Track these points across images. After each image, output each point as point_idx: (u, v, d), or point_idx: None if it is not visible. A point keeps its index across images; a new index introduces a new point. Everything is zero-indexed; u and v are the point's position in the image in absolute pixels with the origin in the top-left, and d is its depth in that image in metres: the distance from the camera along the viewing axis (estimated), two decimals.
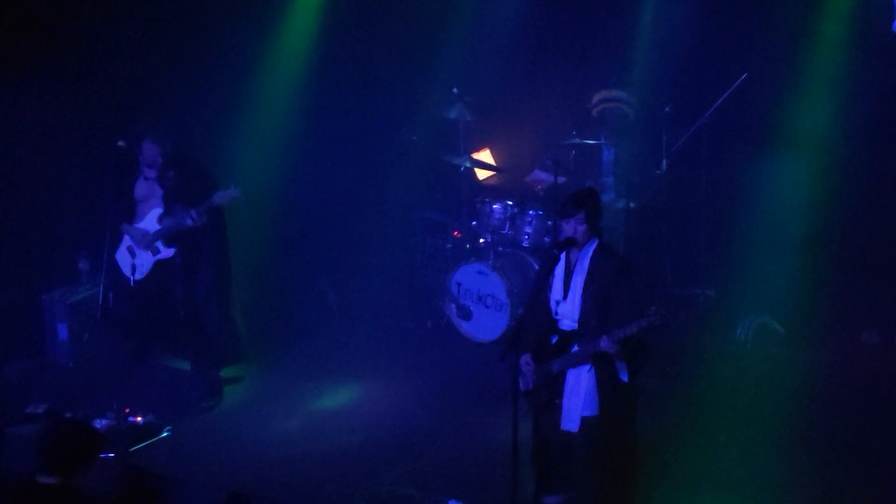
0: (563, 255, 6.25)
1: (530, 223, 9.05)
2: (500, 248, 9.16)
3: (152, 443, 7.47)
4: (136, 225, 7.95)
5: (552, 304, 6.28)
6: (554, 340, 6.28)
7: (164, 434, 7.57)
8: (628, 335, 5.88)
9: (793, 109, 9.01)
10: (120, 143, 7.81)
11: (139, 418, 7.55)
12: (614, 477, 6.20)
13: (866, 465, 6.94)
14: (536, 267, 8.90)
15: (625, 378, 6.09)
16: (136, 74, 9.03)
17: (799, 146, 9.04)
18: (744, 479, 6.87)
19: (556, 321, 6.28)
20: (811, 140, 8.92)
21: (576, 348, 6.16)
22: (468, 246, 9.44)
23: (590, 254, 6.18)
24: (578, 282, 6.17)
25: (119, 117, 8.48)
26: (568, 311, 6.21)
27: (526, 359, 6.27)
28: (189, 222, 7.73)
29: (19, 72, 8.55)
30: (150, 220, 7.92)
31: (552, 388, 6.22)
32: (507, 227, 9.11)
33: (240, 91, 9.47)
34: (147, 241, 7.88)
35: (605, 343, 5.93)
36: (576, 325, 6.19)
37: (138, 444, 7.39)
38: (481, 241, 9.30)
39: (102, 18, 8.88)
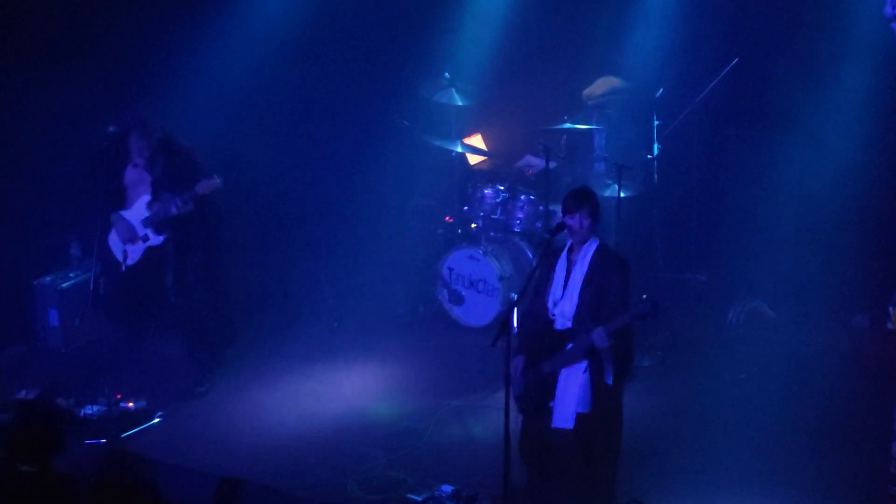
0: (563, 255, 6.28)
1: (522, 208, 9.05)
2: (492, 233, 9.16)
3: (144, 429, 7.47)
4: (124, 214, 7.92)
5: (549, 304, 6.27)
6: (547, 342, 6.25)
7: (156, 420, 7.57)
8: (619, 327, 5.88)
9: (785, 94, 9.01)
10: (111, 129, 7.79)
11: (130, 404, 7.54)
12: (604, 465, 6.22)
13: (857, 448, 6.96)
14: (528, 252, 8.91)
15: (608, 381, 6.07)
16: (128, 59, 9.00)
17: (791, 131, 9.04)
18: (734, 462, 6.89)
19: (552, 322, 6.28)
20: (803, 125, 8.92)
21: (570, 346, 6.16)
22: (460, 231, 9.43)
23: (591, 253, 6.20)
24: (577, 280, 6.18)
25: (110, 103, 8.45)
26: (564, 309, 6.21)
27: (516, 363, 6.24)
28: (174, 210, 7.74)
29: (10, 58, 8.52)
30: (140, 207, 7.90)
31: (543, 391, 6.21)
32: (499, 211, 9.11)
33: (231, 76, 9.43)
34: (132, 236, 7.87)
35: (597, 335, 5.92)
36: (570, 324, 6.19)
37: (130, 430, 7.39)
38: (473, 225, 9.29)
39: (95, 5, 8.83)
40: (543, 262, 6.39)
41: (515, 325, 6.15)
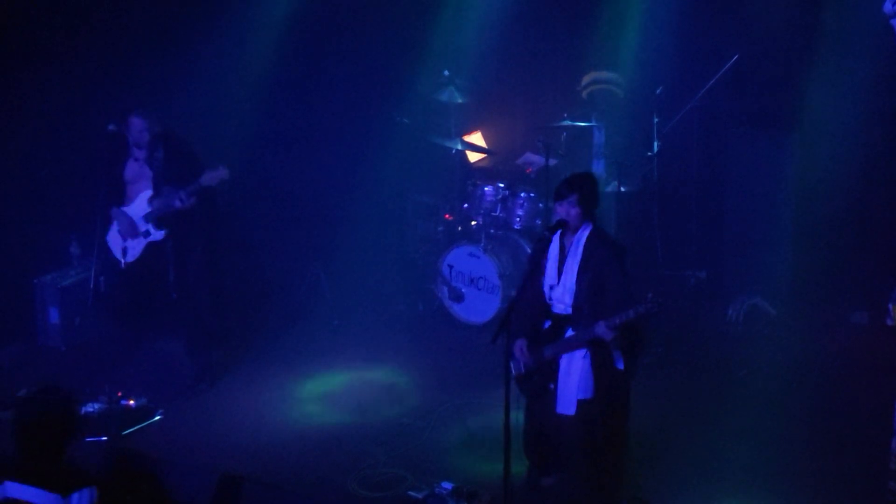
0: (556, 239, 6.25)
1: (522, 205, 9.06)
2: (492, 231, 9.17)
3: (145, 426, 7.48)
4: (125, 209, 7.93)
5: (545, 288, 6.28)
6: (547, 325, 6.28)
7: (157, 417, 7.58)
8: (624, 321, 5.88)
9: (784, 91, 9.01)
10: (111, 127, 7.79)
11: (132, 402, 7.54)
12: (607, 457, 6.23)
13: (856, 445, 6.96)
14: (528, 249, 8.91)
15: (620, 366, 6.10)
16: (128, 59, 9.00)
17: (790, 128, 9.04)
18: (734, 458, 6.89)
19: (550, 306, 6.28)
20: (802, 122, 8.93)
21: (570, 333, 6.17)
22: (460, 228, 9.44)
23: (584, 239, 6.17)
24: (572, 267, 6.16)
25: (110, 101, 8.45)
26: (561, 295, 6.21)
27: (520, 345, 6.27)
28: (177, 204, 7.71)
29: (10, 57, 8.52)
30: (141, 202, 7.90)
31: (545, 373, 6.23)
32: (499, 209, 9.12)
33: (230, 74, 9.43)
34: (133, 231, 7.87)
35: (600, 329, 5.92)
36: (570, 311, 6.19)
37: (131, 428, 7.40)
38: (473, 223, 9.30)
39: (95, 4, 8.84)
40: (537, 245, 6.39)
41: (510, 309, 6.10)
